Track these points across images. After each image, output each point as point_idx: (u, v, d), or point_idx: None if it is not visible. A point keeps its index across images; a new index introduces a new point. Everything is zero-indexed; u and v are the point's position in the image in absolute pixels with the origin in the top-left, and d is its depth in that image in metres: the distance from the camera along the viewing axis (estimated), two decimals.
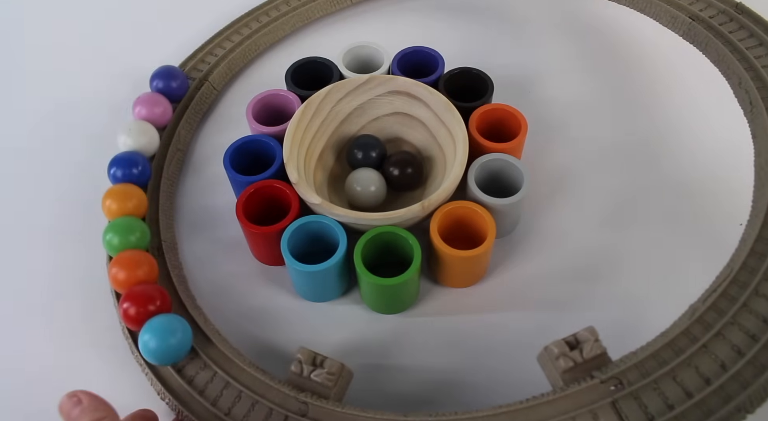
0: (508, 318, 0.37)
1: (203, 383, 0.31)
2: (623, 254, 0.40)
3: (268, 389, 0.31)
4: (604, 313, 0.37)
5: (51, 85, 0.52)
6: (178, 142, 0.44)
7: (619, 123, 0.47)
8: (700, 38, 0.43)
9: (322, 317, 0.38)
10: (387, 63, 0.44)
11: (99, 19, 0.58)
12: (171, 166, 0.42)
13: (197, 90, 0.47)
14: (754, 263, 0.29)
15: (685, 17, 0.44)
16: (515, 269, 0.40)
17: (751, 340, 0.27)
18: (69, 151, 0.47)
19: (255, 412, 0.30)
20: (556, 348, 0.28)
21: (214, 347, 0.33)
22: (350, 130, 0.43)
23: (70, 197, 0.44)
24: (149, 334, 0.31)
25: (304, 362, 0.31)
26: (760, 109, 0.36)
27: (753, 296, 0.28)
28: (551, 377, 0.29)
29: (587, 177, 0.44)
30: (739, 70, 0.39)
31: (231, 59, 0.49)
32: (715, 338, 0.27)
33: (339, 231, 0.36)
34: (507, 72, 0.49)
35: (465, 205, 0.36)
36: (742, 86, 0.38)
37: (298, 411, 0.30)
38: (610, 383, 0.27)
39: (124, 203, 0.36)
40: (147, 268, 0.34)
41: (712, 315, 0.28)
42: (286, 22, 0.53)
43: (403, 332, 0.37)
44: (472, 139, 0.39)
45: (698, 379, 0.26)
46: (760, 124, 0.35)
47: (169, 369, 0.32)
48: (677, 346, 0.27)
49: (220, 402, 0.31)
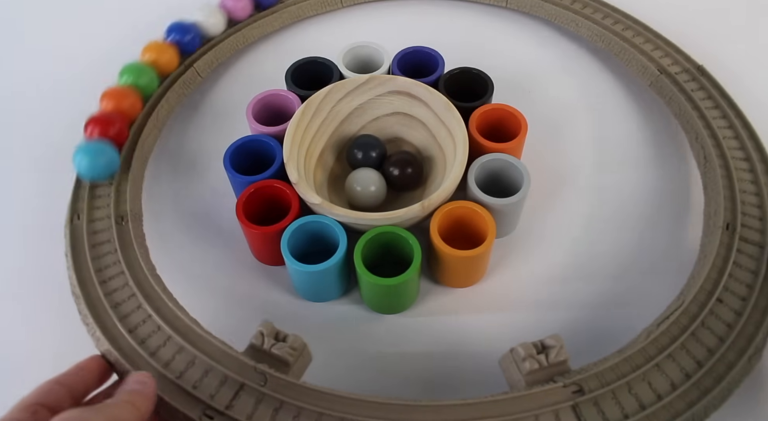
0: (508, 318, 0.37)
1: (155, 345, 0.31)
2: (623, 253, 0.40)
3: (224, 356, 0.30)
4: (604, 313, 0.37)
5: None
6: (156, 121, 0.44)
7: (619, 123, 0.48)
8: (666, 91, 0.45)
9: (322, 317, 0.38)
10: (387, 63, 0.44)
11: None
12: (147, 141, 0.43)
13: (181, 75, 0.47)
14: (702, 298, 0.33)
15: (654, 69, 0.46)
16: (515, 269, 0.40)
17: (697, 366, 0.30)
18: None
19: (209, 378, 0.29)
20: (524, 350, 0.30)
21: (171, 311, 0.33)
22: (350, 130, 0.43)
23: None
24: (84, 150, 0.36)
25: (266, 334, 0.30)
26: (713, 165, 0.39)
27: (700, 327, 0.32)
28: (512, 379, 0.31)
29: (587, 177, 0.44)
30: (697, 126, 0.42)
31: (218, 48, 0.49)
32: (667, 359, 0.30)
33: (339, 231, 0.36)
34: (507, 72, 0.49)
35: (465, 205, 0.36)
36: (699, 141, 0.41)
37: (256, 381, 0.29)
38: (572, 388, 0.29)
39: (159, 55, 0.45)
40: (131, 102, 0.41)
41: (665, 339, 0.31)
42: (276, 18, 0.53)
43: (403, 332, 0.37)
44: (472, 139, 0.39)
45: (651, 394, 0.29)
46: (712, 178, 0.39)
47: (120, 329, 0.32)
48: (634, 362, 0.30)
49: (172, 365, 0.30)
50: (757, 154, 0.40)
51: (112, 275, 0.35)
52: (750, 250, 0.35)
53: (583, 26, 0.51)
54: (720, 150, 0.40)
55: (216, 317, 0.37)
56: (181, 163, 0.46)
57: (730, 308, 0.32)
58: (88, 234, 0.37)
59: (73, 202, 0.39)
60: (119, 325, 0.32)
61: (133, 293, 0.34)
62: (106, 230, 0.37)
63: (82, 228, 0.37)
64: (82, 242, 0.36)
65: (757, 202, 0.37)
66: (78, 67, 0.53)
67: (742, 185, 0.38)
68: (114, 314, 0.33)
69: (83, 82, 0.49)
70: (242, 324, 0.37)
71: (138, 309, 0.33)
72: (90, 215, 0.38)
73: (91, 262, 0.35)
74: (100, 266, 0.35)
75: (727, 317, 0.32)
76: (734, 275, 0.34)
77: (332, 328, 0.37)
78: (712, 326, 0.32)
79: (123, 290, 0.34)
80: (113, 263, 0.35)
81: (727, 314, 0.32)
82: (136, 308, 0.33)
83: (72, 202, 0.39)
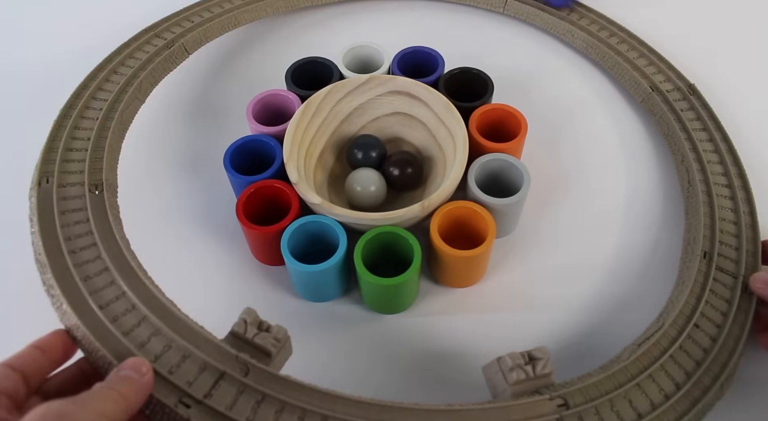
0: (507, 318, 0.37)
1: (130, 325, 0.29)
2: (623, 253, 0.40)
3: (203, 342, 0.29)
4: (603, 312, 0.37)
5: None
6: (138, 92, 0.43)
7: (618, 123, 0.48)
8: (656, 110, 0.45)
9: (322, 317, 0.38)
10: (387, 63, 0.44)
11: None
12: (126, 111, 0.42)
13: (167, 48, 0.46)
14: (681, 322, 0.34)
15: (647, 86, 0.46)
16: (515, 269, 0.40)
17: (675, 388, 0.31)
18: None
19: (186, 364, 0.28)
20: (511, 360, 0.30)
21: (147, 290, 0.31)
22: (350, 130, 0.43)
23: None
24: None
25: (249, 322, 0.29)
26: (696, 190, 0.40)
27: (678, 350, 0.32)
28: (497, 388, 0.31)
29: (587, 177, 0.44)
30: (684, 149, 0.42)
31: (207, 27, 0.49)
32: (647, 379, 0.31)
33: (339, 231, 0.36)
34: (507, 72, 0.49)
35: (465, 205, 0.36)
36: (684, 163, 0.42)
37: (238, 370, 0.28)
38: (557, 402, 0.29)
39: None
40: None
41: (646, 359, 0.32)
42: (270, 4, 0.52)
43: (403, 332, 0.37)
44: (472, 139, 0.39)
45: (632, 412, 0.29)
46: (693, 204, 0.39)
47: (90, 304, 0.30)
48: (617, 380, 0.31)
49: (147, 347, 0.28)
50: (738, 180, 0.41)
51: (84, 246, 0.32)
52: (725, 279, 0.36)
53: (578, 38, 0.51)
54: (704, 175, 0.40)
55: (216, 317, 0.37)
56: (181, 163, 0.46)
57: (706, 334, 0.33)
58: (58, 200, 0.34)
59: (42, 164, 0.36)
60: (90, 300, 0.30)
61: (106, 267, 0.31)
62: (79, 197, 0.35)
63: (51, 192, 0.35)
64: (51, 207, 0.34)
65: (735, 231, 0.38)
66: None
67: (722, 213, 0.38)
68: (84, 287, 0.30)
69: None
70: None
71: (111, 284, 0.31)
72: (61, 180, 0.35)
73: (60, 229, 0.33)
74: (70, 234, 0.33)
75: (703, 342, 0.33)
76: (710, 302, 0.34)
77: (332, 328, 0.37)
78: (690, 349, 0.32)
79: (95, 263, 0.32)
80: (85, 233, 0.33)
81: (703, 339, 0.33)
82: (109, 283, 0.31)
83: (41, 163, 0.36)
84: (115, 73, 0.44)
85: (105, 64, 0.44)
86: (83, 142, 0.38)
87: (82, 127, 0.39)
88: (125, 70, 0.44)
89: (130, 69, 0.44)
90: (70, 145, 0.38)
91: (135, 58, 0.45)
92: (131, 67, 0.44)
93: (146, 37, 0.47)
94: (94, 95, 0.42)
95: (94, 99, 0.41)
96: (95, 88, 0.42)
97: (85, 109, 0.41)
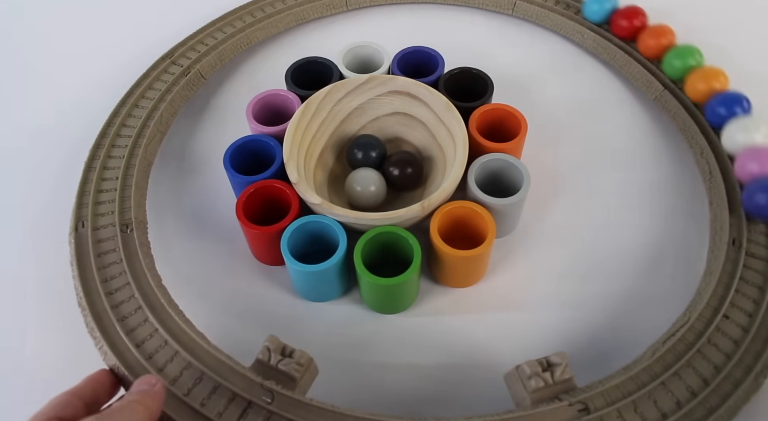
0: (507, 318, 0.37)
1: (163, 361, 0.31)
2: (624, 254, 0.40)
3: (230, 373, 0.30)
4: (602, 312, 0.37)
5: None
6: (160, 125, 0.44)
7: (618, 123, 0.48)
8: (670, 106, 0.45)
9: (322, 317, 0.38)
10: (387, 63, 0.44)
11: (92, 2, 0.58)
12: (150, 145, 0.42)
13: (184, 76, 0.47)
14: (708, 315, 0.33)
15: (658, 84, 0.46)
16: (515, 269, 0.40)
17: (703, 383, 0.30)
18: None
19: (216, 395, 0.29)
20: (529, 368, 0.29)
21: (177, 325, 0.32)
22: (350, 130, 0.43)
23: None
24: None
25: (272, 350, 0.30)
26: (718, 180, 0.39)
27: (706, 344, 0.31)
28: (517, 396, 0.30)
29: (587, 177, 0.44)
30: (702, 141, 0.42)
31: (221, 50, 0.49)
32: (673, 376, 0.30)
33: (339, 231, 0.36)
34: (507, 72, 0.49)
35: (465, 205, 0.36)
36: (704, 156, 0.41)
37: (263, 398, 0.29)
38: (577, 407, 0.29)
39: None
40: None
41: (671, 356, 0.31)
42: (280, 20, 0.53)
43: (403, 332, 0.37)
44: (472, 139, 0.39)
45: (656, 412, 0.29)
46: (717, 193, 0.39)
47: (127, 343, 0.32)
48: (640, 380, 0.30)
49: (179, 382, 0.30)
50: None
51: (118, 287, 0.35)
52: (757, 265, 0.35)
53: (588, 38, 0.51)
54: (725, 166, 0.40)
55: (216, 318, 0.37)
56: (181, 163, 0.46)
57: (736, 324, 0.32)
58: (93, 243, 0.36)
59: (77, 209, 0.38)
60: (126, 339, 0.32)
61: (140, 306, 0.33)
62: (111, 238, 0.37)
63: (87, 236, 0.37)
64: (87, 251, 0.36)
65: None
66: (86, 73, 0.53)
67: None
68: (120, 327, 0.32)
69: (92, 88, 0.50)
70: (242, 325, 0.38)
71: (145, 323, 0.33)
72: (94, 222, 0.37)
73: (97, 272, 0.35)
74: (106, 276, 0.35)
75: (733, 334, 0.32)
76: (741, 291, 0.34)
77: (332, 328, 0.37)
78: (719, 342, 0.31)
79: (129, 303, 0.34)
80: (119, 274, 0.35)
81: (733, 331, 0.32)
82: (143, 322, 0.33)
83: (75, 208, 0.38)
84: (136, 107, 0.45)
85: (126, 98, 0.46)
86: (112, 182, 0.40)
87: (110, 167, 0.41)
88: (146, 102, 0.45)
89: (150, 101, 0.45)
90: (101, 187, 0.40)
91: (154, 90, 0.46)
92: (151, 99, 0.45)
93: (163, 66, 0.48)
94: (119, 132, 0.43)
95: (119, 136, 0.43)
96: (119, 125, 0.43)
97: (112, 147, 0.42)
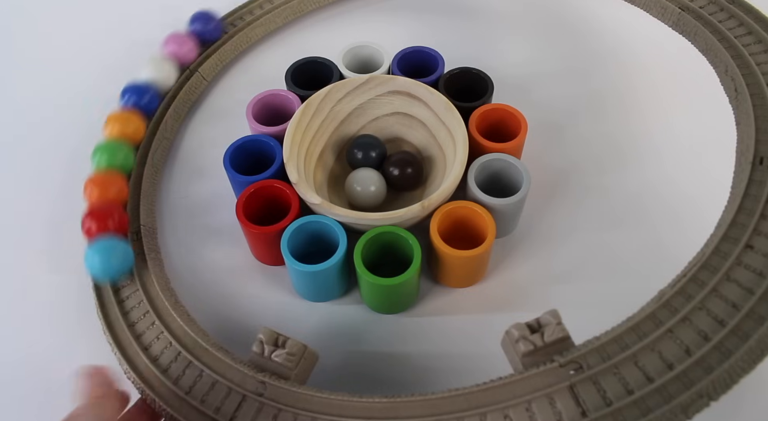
0: (508, 318, 0.37)
1: (167, 362, 0.32)
2: (623, 253, 0.40)
3: (228, 369, 0.30)
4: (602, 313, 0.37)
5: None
6: (165, 131, 0.44)
7: (618, 123, 0.48)
8: (689, 28, 0.43)
9: (322, 317, 0.38)
10: (387, 63, 0.44)
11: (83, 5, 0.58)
12: (156, 153, 0.43)
13: (187, 80, 0.47)
14: (726, 248, 0.28)
15: (675, 8, 0.44)
16: (515, 269, 0.40)
17: (719, 325, 0.26)
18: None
19: (214, 391, 0.30)
20: (516, 331, 0.28)
21: (180, 327, 0.33)
22: (350, 130, 0.43)
23: None
24: (93, 251, 0.34)
25: (265, 342, 0.30)
26: (745, 96, 0.35)
27: (723, 281, 0.27)
28: (513, 362, 0.29)
29: (587, 177, 0.44)
30: (726, 58, 0.39)
31: (222, 51, 0.49)
32: (681, 322, 0.26)
33: (339, 231, 0.36)
34: (507, 72, 0.49)
35: (465, 205, 0.36)
36: (729, 74, 0.38)
37: (255, 391, 0.29)
38: (570, 367, 0.26)
39: (125, 126, 0.41)
40: (119, 187, 0.38)
41: (680, 300, 0.27)
42: (278, 14, 0.53)
43: (403, 332, 0.37)
44: (472, 139, 0.39)
45: (661, 364, 0.25)
46: (744, 110, 0.35)
47: (136, 348, 0.32)
48: (641, 330, 0.27)
49: (181, 381, 0.30)
50: None
51: (129, 295, 0.35)
52: None
53: None
54: (754, 78, 0.36)
55: (216, 318, 0.37)
56: (181, 163, 0.46)
57: (762, 254, 0.27)
58: None
59: None
60: (135, 344, 0.33)
61: (147, 310, 0.34)
62: None
63: None
64: None
65: None
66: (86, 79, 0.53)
67: None
68: (130, 332, 0.33)
69: (92, 89, 0.50)
70: (242, 325, 0.38)
71: (152, 326, 0.34)
72: None
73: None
74: (118, 285, 0.36)
75: (758, 265, 0.27)
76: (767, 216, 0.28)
77: (332, 328, 0.37)
78: (739, 277, 0.27)
79: (139, 308, 0.35)
80: (129, 281, 0.36)
81: (758, 261, 0.27)
82: (150, 325, 0.34)
83: None
84: None
85: None
86: None
87: None
88: None
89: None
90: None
91: None
92: None
93: None
94: None
95: None
96: None
97: None
